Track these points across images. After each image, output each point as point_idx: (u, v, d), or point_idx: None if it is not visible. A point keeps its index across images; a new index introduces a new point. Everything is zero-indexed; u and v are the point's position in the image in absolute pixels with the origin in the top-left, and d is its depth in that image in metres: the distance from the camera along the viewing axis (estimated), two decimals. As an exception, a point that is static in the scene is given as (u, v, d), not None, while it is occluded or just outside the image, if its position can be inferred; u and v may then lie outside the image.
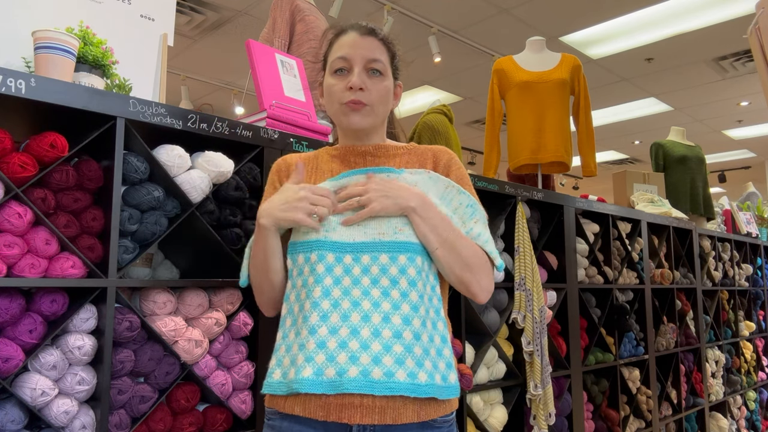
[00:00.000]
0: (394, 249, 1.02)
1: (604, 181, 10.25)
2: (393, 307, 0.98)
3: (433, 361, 0.98)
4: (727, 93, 6.81)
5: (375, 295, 0.99)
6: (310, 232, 1.05)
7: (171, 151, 1.37)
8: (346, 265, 1.02)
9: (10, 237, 1.13)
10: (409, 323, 0.97)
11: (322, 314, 0.98)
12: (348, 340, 0.96)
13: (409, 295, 0.99)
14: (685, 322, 3.42)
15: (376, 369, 0.95)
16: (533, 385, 2.13)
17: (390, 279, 1.01)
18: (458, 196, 1.12)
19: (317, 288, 1.00)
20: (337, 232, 1.05)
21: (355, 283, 1.01)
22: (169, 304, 1.34)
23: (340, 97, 1.10)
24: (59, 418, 1.14)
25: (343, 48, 1.11)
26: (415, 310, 0.99)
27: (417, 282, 1.00)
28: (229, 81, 6.59)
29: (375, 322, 0.97)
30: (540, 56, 3.02)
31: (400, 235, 1.03)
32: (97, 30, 1.45)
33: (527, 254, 2.18)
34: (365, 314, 0.98)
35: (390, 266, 1.01)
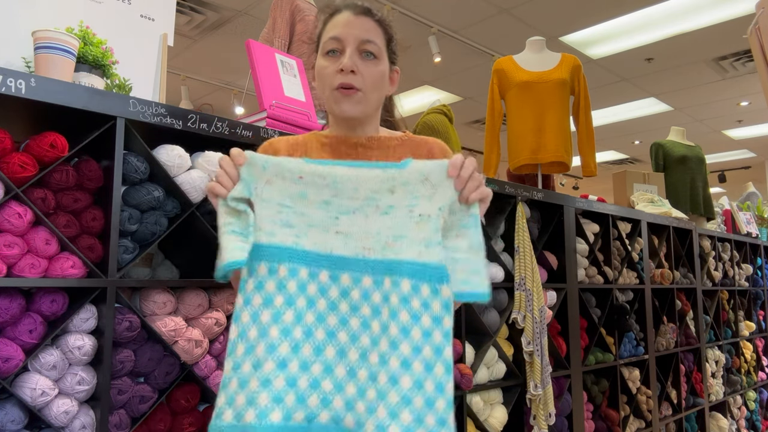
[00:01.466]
0: (380, 270, 0.84)
1: (604, 181, 10.25)
2: (372, 342, 0.82)
3: (415, 412, 0.77)
4: (727, 93, 6.81)
5: (354, 326, 0.83)
6: (275, 232, 0.85)
7: (171, 151, 1.37)
8: (321, 284, 0.84)
9: (10, 237, 1.13)
10: (385, 363, 0.79)
11: (293, 344, 0.81)
12: (321, 378, 0.81)
13: (389, 328, 0.81)
14: (685, 322, 3.42)
15: (348, 416, 0.80)
16: (533, 385, 2.13)
17: (372, 307, 0.83)
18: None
19: (289, 311, 0.82)
20: (309, 238, 0.86)
21: (332, 308, 0.84)
22: (169, 304, 1.34)
23: (331, 81, 1.02)
24: (59, 418, 1.14)
25: (336, 28, 1.03)
26: (393, 347, 0.80)
27: (399, 312, 0.81)
28: (229, 81, 6.59)
29: (352, 360, 0.82)
30: (540, 56, 3.02)
31: (389, 251, 0.85)
32: (97, 30, 1.45)
33: (527, 254, 2.18)
34: (341, 348, 0.82)
35: (373, 291, 0.84)
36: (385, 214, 0.86)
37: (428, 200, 0.86)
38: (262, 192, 0.86)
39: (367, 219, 0.86)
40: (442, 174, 0.86)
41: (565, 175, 10.18)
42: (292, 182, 0.87)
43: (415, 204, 0.86)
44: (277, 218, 0.86)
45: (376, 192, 0.86)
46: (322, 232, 0.86)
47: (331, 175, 0.86)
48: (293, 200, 0.86)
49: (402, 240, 0.85)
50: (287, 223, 0.86)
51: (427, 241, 0.84)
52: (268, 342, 0.80)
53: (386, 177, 0.86)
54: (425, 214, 0.85)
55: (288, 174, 0.87)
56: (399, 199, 0.86)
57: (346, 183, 0.86)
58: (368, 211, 0.86)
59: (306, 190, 0.86)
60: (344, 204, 0.86)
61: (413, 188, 0.86)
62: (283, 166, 0.87)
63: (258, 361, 0.80)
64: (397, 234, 0.85)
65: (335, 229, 0.86)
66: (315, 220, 0.86)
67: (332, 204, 0.86)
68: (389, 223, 0.86)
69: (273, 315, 0.82)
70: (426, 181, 0.86)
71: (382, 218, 0.86)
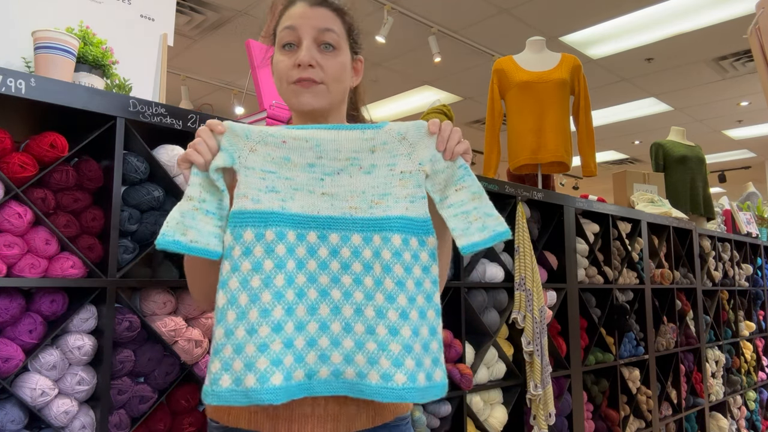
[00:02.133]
0: (368, 227, 0.86)
1: (604, 181, 10.24)
2: (366, 297, 0.83)
3: (416, 358, 0.81)
4: (727, 93, 6.81)
5: (346, 283, 0.84)
6: (260, 199, 0.85)
7: (171, 151, 1.37)
8: (310, 245, 0.85)
9: (10, 237, 1.13)
10: (383, 316, 0.82)
11: (287, 307, 0.81)
12: (317, 336, 0.83)
13: (383, 282, 0.83)
14: (685, 322, 3.42)
15: (348, 369, 0.82)
16: (533, 385, 2.13)
17: (363, 264, 0.85)
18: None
19: (279, 274, 0.82)
20: (296, 201, 0.86)
21: (323, 267, 0.85)
22: (169, 304, 1.34)
23: (288, 76, 0.97)
24: (59, 418, 1.14)
25: (291, 18, 0.98)
26: (390, 301, 0.82)
27: (393, 266, 0.83)
28: (229, 81, 6.59)
29: (347, 315, 0.83)
30: (540, 56, 3.02)
31: (376, 209, 0.86)
32: (97, 30, 1.45)
33: (527, 254, 2.18)
34: (335, 306, 0.84)
35: (363, 248, 0.85)
36: (367, 173, 0.88)
37: (407, 157, 0.88)
38: (246, 160, 0.86)
39: (352, 179, 0.88)
40: (419, 133, 0.89)
41: (565, 175, 10.18)
42: (276, 147, 0.87)
43: (395, 163, 0.88)
44: (261, 185, 0.86)
45: (358, 152, 0.88)
46: (308, 195, 0.87)
47: (314, 137, 0.87)
48: (277, 165, 0.87)
49: (387, 197, 0.87)
50: (272, 189, 0.86)
51: (411, 196, 0.87)
52: (261, 307, 0.80)
53: (366, 137, 0.88)
54: (406, 171, 0.88)
55: (271, 139, 0.87)
56: (380, 158, 0.88)
57: (329, 144, 0.87)
58: (352, 170, 0.88)
59: (290, 154, 0.87)
60: (328, 165, 0.88)
61: (392, 147, 0.88)
62: (265, 131, 0.87)
63: (252, 327, 0.80)
64: (382, 192, 0.87)
65: (321, 190, 0.87)
66: (300, 183, 0.87)
67: (316, 166, 0.87)
68: (373, 182, 0.88)
69: (263, 280, 0.82)
70: (404, 140, 0.89)
71: (365, 177, 0.88)
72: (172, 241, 0.81)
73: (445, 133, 0.89)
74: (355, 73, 1.07)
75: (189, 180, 0.85)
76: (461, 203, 0.88)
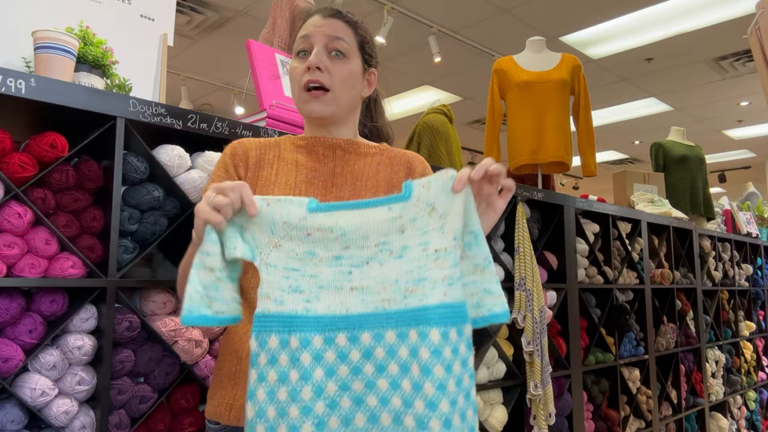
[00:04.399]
0: (403, 321, 0.76)
1: (604, 181, 10.24)
2: (404, 405, 0.74)
3: None
4: (727, 93, 6.81)
5: (383, 388, 0.76)
6: (284, 300, 0.78)
7: (171, 151, 1.37)
8: (340, 349, 0.77)
9: (10, 237, 1.13)
10: (424, 427, 0.73)
11: (317, 422, 0.74)
12: None
13: (423, 387, 0.74)
14: (685, 322, 3.42)
15: None
16: (533, 385, 2.13)
17: (400, 365, 0.75)
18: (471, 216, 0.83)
19: (306, 387, 0.75)
20: (322, 301, 0.78)
21: (356, 372, 0.76)
22: (169, 304, 1.34)
23: (299, 80, 1.02)
24: (59, 418, 1.14)
25: (306, 28, 1.05)
26: (432, 409, 0.73)
27: (432, 368, 0.74)
28: (229, 81, 6.59)
29: (385, 425, 0.75)
30: (540, 56, 3.02)
31: (411, 298, 0.77)
32: (97, 30, 1.45)
33: (527, 254, 2.18)
34: (372, 414, 0.76)
35: (398, 347, 0.76)
36: (399, 257, 0.79)
37: (440, 232, 0.79)
38: (268, 257, 0.80)
39: (382, 267, 0.79)
40: (447, 195, 0.79)
41: (565, 175, 10.18)
42: (300, 241, 0.80)
43: (427, 241, 0.79)
44: (285, 284, 0.79)
45: (387, 235, 0.79)
46: (335, 292, 0.79)
47: (339, 226, 0.79)
48: (301, 261, 0.80)
49: (423, 283, 0.77)
50: (296, 288, 0.79)
51: (449, 278, 0.78)
52: (289, 423, 0.74)
53: (394, 216, 0.79)
54: (441, 249, 0.79)
55: (295, 233, 0.80)
56: (411, 237, 0.79)
57: (355, 232, 0.79)
58: (382, 257, 0.79)
59: (314, 248, 0.80)
60: (356, 255, 0.80)
61: (422, 222, 0.79)
62: (290, 224, 0.80)
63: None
64: (417, 278, 0.78)
65: (350, 285, 0.79)
66: (326, 279, 0.79)
67: (343, 258, 0.80)
68: (406, 267, 0.78)
69: (290, 393, 0.75)
70: (433, 212, 0.79)
71: (397, 263, 0.79)
72: (198, 316, 0.76)
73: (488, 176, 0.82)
74: (368, 85, 1.12)
75: (204, 245, 0.79)
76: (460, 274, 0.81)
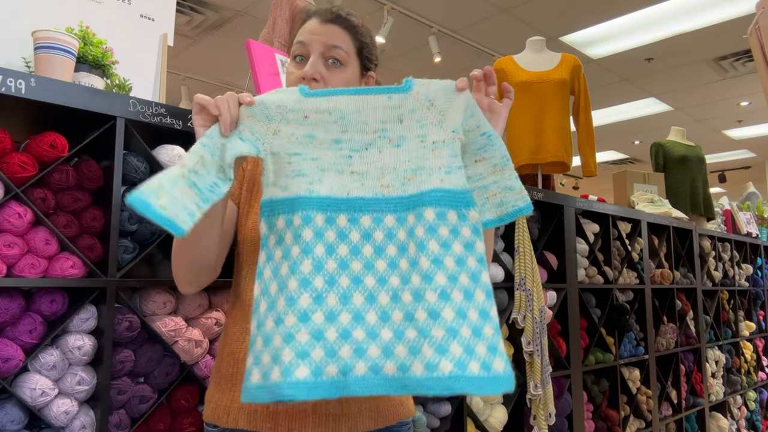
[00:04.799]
0: (401, 206, 0.79)
1: (604, 181, 10.24)
2: (402, 281, 0.76)
3: (464, 343, 0.71)
4: (727, 93, 6.81)
5: (380, 269, 0.77)
6: (288, 185, 0.79)
7: (171, 151, 1.37)
8: (340, 229, 0.78)
9: (10, 237, 1.13)
10: (420, 299, 0.73)
11: (315, 295, 0.74)
12: (351, 328, 0.74)
13: (418, 262, 0.75)
14: (685, 322, 3.42)
15: (388, 363, 0.73)
16: (533, 385, 2.13)
17: (398, 246, 0.77)
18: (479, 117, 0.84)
19: (306, 260, 0.75)
20: (324, 183, 0.80)
21: (354, 252, 0.77)
22: (169, 304, 1.34)
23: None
24: (59, 418, 1.14)
25: (303, 33, 1.02)
26: (427, 281, 0.73)
27: (427, 243, 0.75)
28: (229, 81, 6.59)
29: (383, 303, 0.75)
30: (540, 56, 3.02)
31: (409, 185, 0.79)
32: (97, 30, 1.45)
33: (527, 254, 2.18)
34: (370, 294, 0.76)
35: (397, 230, 0.78)
36: (397, 146, 0.82)
37: (438, 126, 0.82)
38: (270, 146, 0.81)
39: (381, 154, 0.81)
40: (447, 97, 0.82)
41: (565, 175, 10.17)
42: (298, 124, 0.82)
43: (425, 134, 0.82)
44: (288, 170, 0.80)
45: (385, 122, 0.82)
46: (336, 175, 0.81)
47: (337, 109, 0.81)
48: (302, 145, 0.82)
49: (420, 171, 0.80)
50: (299, 172, 0.80)
51: (447, 167, 0.80)
52: (287, 295, 0.74)
53: (393, 105, 0.82)
54: (439, 141, 0.81)
55: (292, 116, 0.82)
56: (409, 128, 0.82)
57: (354, 116, 0.82)
58: (380, 144, 0.82)
59: (313, 130, 0.82)
60: (355, 139, 0.82)
61: (421, 115, 0.82)
62: (284, 107, 0.82)
63: (279, 317, 0.74)
64: (414, 167, 0.80)
65: (350, 169, 0.81)
66: (327, 162, 0.81)
67: (343, 141, 0.82)
68: (404, 157, 0.81)
69: (290, 267, 0.75)
70: (432, 107, 0.82)
71: (395, 151, 0.81)
72: (141, 199, 0.72)
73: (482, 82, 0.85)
74: None
75: (193, 146, 0.79)
76: (479, 176, 0.83)
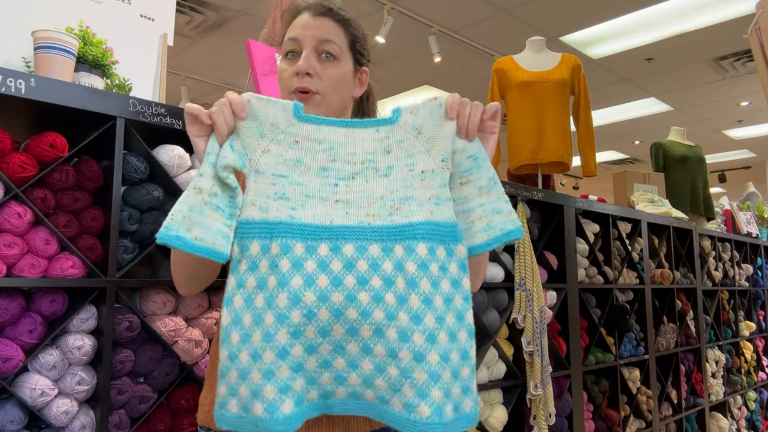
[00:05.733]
0: (388, 236, 0.76)
1: (604, 181, 10.24)
2: (387, 317, 0.73)
3: (444, 387, 0.71)
4: (727, 93, 6.81)
5: (364, 301, 0.73)
6: (269, 207, 0.76)
7: (171, 151, 1.37)
8: (321, 258, 0.74)
9: (10, 237, 1.13)
10: (407, 339, 0.72)
11: (293, 330, 0.72)
12: (331, 358, 0.73)
13: (408, 300, 0.73)
14: (685, 322, 3.42)
15: (368, 391, 0.73)
16: (533, 385, 2.13)
17: (384, 279, 0.74)
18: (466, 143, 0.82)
19: (282, 293, 0.72)
20: (307, 209, 0.77)
21: (336, 283, 0.73)
22: (169, 304, 1.34)
23: (288, 84, 0.99)
24: (59, 418, 1.14)
25: (295, 29, 1.00)
26: (416, 321, 0.72)
27: (419, 281, 0.73)
28: (229, 81, 6.59)
29: (365, 337, 0.73)
30: (540, 56, 3.02)
31: (396, 215, 0.77)
32: (97, 30, 1.45)
33: (527, 254, 2.18)
34: (351, 326, 0.73)
35: (382, 261, 0.74)
36: (385, 176, 0.80)
37: (427, 155, 0.80)
38: (257, 163, 0.78)
39: (368, 183, 0.79)
40: (435, 123, 0.80)
41: (565, 175, 10.18)
42: (288, 147, 0.79)
43: (414, 162, 0.80)
44: (271, 191, 0.77)
45: (373, 154, 0.80)
46: (320, 202, 0.78)
47: (327, 140, 0.80)
48: (289, 168, 0.79)
49: (409, 201, 0.78)
50: (282, 195, 0.77)
51: (436, 198, 0.79)
52: (263, 330, 0.71)
53: (380, 137, 0.81)
54: (428, 170, 0.79)
55: (283, 138, 0.79)
56: (397, 158, 0.80)
57: (343, 147, 0.80)
58: (368, 174, 0.80)
59: (302, 156, 0.79)
60: (342, 169, 0.80)
61: (408, 144, 0.80)
62: (277, 127, 0.79)
63: (256, 352, 0.71)
64: (403, 196, 0.78)
65: (335, 197, 0.78)
66: (312, 189, 0.78)
67: (330, 170, 0.79)
68: (392, 186, 0.79)
69: (267, 299, 0.72)
70: (420, 135, 0.80)
71: (383, 181, 0.79)
72: (175, 236, 0.72)
73: (464, 120, 0.81)
74: (360, 84, 1.08)
75: (201, 167, 0.77)
76: (464, 199, 0.80)
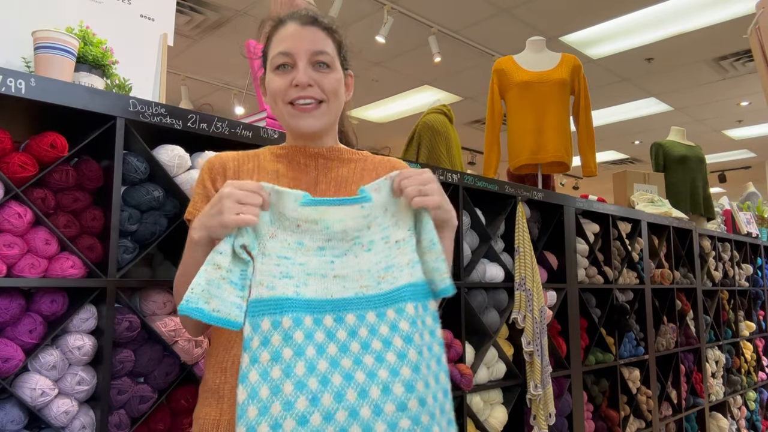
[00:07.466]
0: (380, 303, 0.87)
1: (604, 181, 10.24)
2: (392, 374, 0.81)
3: (439, 423, 0.84)
4: (727, 93, 6.81)
5: (369, 363, 0.82)
6: (275, 285, 0.84)
7: (171, 151, 1.37)
8: (327, 329, 0.84)
9: (10, 237, 1.13)
10: (413, 390, 0.81)
11: (311, 397, 0.78)
12: (348, 425, 0.79)
13: (408, 354, 0.83)
14: (685, 322, 3.42)
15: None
16: (533, 385, 2.13)
17: (382, 341, 0.84)
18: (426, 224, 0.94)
19: (299, 362, 0.79)
20: (309, 286, 0.87)
21: (343, 350, 0.83)
22: (169, 304, 1.34)
23: (284, 95, 0.98)
24: (59, 418, 1.14)
25: (285, 42, 0.98)
26: (416, 372, 0.82)
27: (413, 336, 0.85)
28: (229, 81, 6.59)
29: (374, 397, 0.80)
30: (540, 56, 3.02)
31: (384, 284, 0.89)
32: (97, 30, 1.45)
33: (527, 254, 2.18)
34: (362, 389, 0.80)
35: (379, 325, 0.85)
36: (369, 250, 0.91)
37: (396, 227, 0.92)
38: (264, 247, 0.87)
39: (357, 258, 0.90)
40: (392, 198, 0.92)
41: (565, 175, 10.18)
42: (291, 232, 0.89)
43: (388, 235, 0.92)
44: (275, 271, 0.86)
45: (359, 230, 0.91)
46: (320, 279, 0.88)
47: (324, 220, 0.90)
48: (292, 251, 0.88)
49: (392, 269, 0.89)
50: (286, 275, 0.86)
51: (411, 262, 0.90)
52: (283, 399, 0.78)
53: (364, 214, 0.91)
54: (401, 239, 0.91)
55: (288, 224, 0.89)
56: (375, 233, 0.92)
57: (336, 226, 0.90)
58: (356, 250, 0.91)
59: (302, 238, 0.89)
60: (336, 247, 0.90)
61: (381, 220, 0.92)
62: (284, 215, 0.88)
63: (276, 422, 0.76)
64: (385, 266, 0.90)
65: (333, 273, 0.89)
66: (313, 267, 0.88)
67: (326, 249, 0.90)
68: (375, 259, 0.90)
69: (284, 370, 0.79)
70: (386, 212, 0.92)
71: (367, 255, 0.91)
72: (195, 308, 0.80)
73: (400, 190, 0.90)
74: (347, 89, 1.09)
75: (219, 245, 0.84)
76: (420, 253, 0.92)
